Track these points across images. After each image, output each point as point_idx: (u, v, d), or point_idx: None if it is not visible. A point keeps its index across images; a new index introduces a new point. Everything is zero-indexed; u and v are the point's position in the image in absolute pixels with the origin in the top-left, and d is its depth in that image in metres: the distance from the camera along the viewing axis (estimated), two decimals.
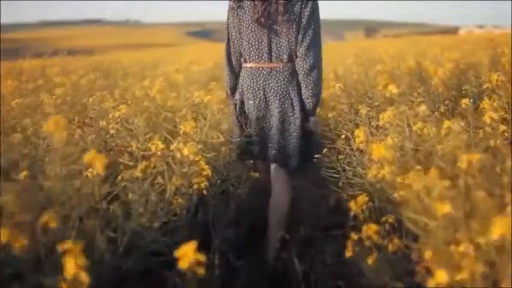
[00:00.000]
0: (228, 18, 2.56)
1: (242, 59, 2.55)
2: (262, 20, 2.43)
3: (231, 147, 2.49)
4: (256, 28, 2.46)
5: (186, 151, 1.68)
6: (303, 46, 2.43)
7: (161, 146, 1.75)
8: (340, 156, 2.19)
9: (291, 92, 2.47)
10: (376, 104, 2.52)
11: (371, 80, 3.63)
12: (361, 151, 1.95)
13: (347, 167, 2.04)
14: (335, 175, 2.15)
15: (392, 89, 1.81)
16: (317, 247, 2.98)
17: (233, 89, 2.62)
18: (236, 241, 2.57)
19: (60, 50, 10.64)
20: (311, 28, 2.43)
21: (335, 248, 2.99)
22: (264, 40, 2.46)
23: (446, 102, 2.65)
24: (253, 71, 2.50)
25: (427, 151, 1.67)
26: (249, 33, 2.47)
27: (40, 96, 3.27)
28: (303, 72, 2.45)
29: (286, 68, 2.48)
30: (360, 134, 1.66)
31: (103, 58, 11.27)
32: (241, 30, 2.49)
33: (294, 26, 2.41)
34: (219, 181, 2.10)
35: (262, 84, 2.49)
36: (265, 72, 2.48)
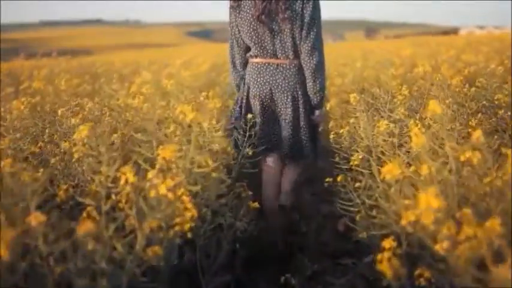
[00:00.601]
0: (229, 17, 2.55)
1: (248, 55, 2.55)
2: (263, 17, 2.40)
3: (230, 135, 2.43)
4: (258, 26, 2.44)
5: (163, 188, 1.29)
6: (308, 43, 2.44)
7: (132, 178, 1.35)
8: (357, 184, 1.80)
9: (298, 88, 2.50)
10: (397, 117, 2.13)
11: (384, 85, 3.23)
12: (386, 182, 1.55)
13: (367, 200, 1.64)
14: (351, 208, 1.75)
15: (436, 108, 1.40)
16: (326, 278, 2.63)
17: (239, 86, 2.65)
18: (231, 280, 2.21)
19: (53, 51, 10.25)
20: (315, 25, 2.43)
21: (345, 280, 2.64)
22: (267, 38, 2.45)
23: (479, 115, 2.27)
24: (259, 66, 2.51)
25: (476, 189, 1.28)
26: (251, 31, 2.46)
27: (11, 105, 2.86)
28: (310, 68, 2.47)
29: (293, 65, 2.50)
30: (394, 168, 1.25)
31: (96, 59, 10.85)
32: (243, 29, 2.48)
33: (297, 23, 2.40)
34: (209, 216, 1.70)
35: (269, 80, 2.50)
36: (272, 68, 2.50)
